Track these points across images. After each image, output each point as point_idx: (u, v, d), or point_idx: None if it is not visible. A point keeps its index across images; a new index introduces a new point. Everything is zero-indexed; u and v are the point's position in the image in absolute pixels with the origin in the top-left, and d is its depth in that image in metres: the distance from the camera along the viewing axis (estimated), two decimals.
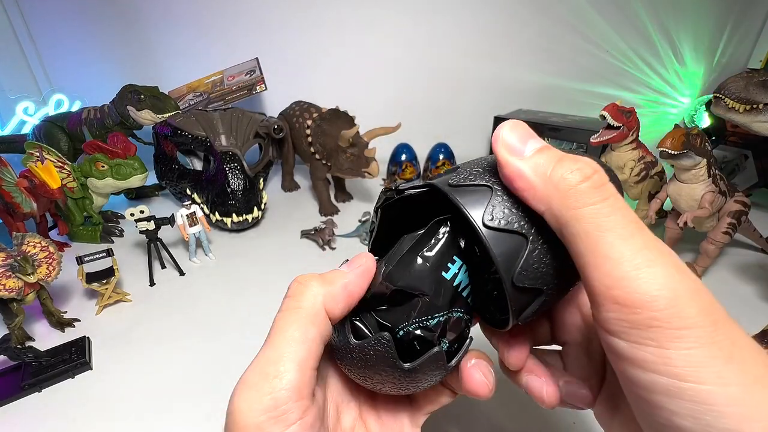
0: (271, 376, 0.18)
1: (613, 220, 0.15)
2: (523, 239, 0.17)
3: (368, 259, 0.22)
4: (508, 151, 0.18)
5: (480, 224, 0.17)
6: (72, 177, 0.71)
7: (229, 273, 0.66)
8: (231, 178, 0.75)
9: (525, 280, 0.18)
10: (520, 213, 0.18)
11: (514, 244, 0.17)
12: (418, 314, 0.22)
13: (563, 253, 0.17)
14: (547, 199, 0.16)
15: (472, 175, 0.19)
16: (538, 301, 0.19)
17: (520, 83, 1.12)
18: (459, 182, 0.19)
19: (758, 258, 0.66)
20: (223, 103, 0.97)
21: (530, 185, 0.17)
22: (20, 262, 0.47)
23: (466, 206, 0.18)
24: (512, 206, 0.18)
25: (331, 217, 0.82)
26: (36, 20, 1.04)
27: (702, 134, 0.55)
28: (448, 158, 0.91)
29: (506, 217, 0.17)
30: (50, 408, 0.43)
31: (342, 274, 0.22)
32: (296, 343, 0.19)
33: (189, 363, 0.48)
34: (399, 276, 0.22)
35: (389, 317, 0.22)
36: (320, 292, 0.21)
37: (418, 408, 0.27)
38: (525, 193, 0.17)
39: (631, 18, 1.04)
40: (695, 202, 0.57)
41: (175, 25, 1.06)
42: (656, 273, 0.14)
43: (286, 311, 0.20)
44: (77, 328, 0.54)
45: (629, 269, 0.14)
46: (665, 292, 0.14)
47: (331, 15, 1.06)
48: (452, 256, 0.22)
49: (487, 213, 0.18)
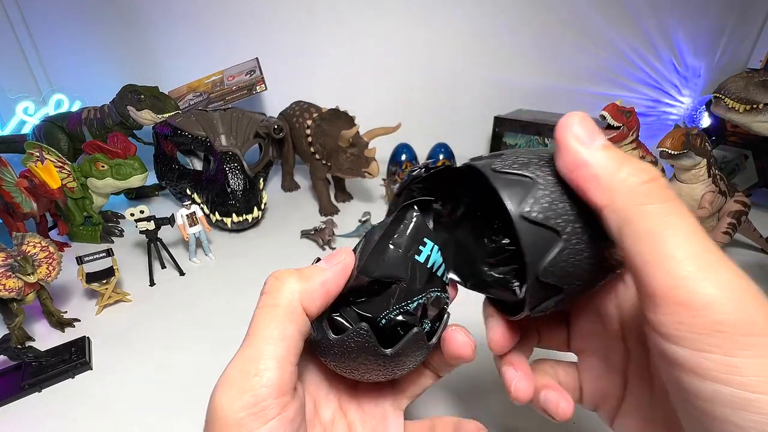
0: (252, 374, 0.18)
1: (678, 220, 0.15)
2: (556, 236, 0.17)
3: (347, 255, 0.22)
4: (576, 140, 0.17)
5: (516, 214, 0.17)
6: (72, 177, 0.71)
7: (229, 273, 0.66)
8: (231, 178, 0.75)
9: (550, 276, 0.18)
10: (559, 210, 0.17)
11: (547, 239, 0.17)
12: (397, 300, 0.22)
13: (592, 256, 0.18)
14: (611, 193, 0.16)
15: (516, 164, 0.19)
16: (555, 299, 0.19)
17: (520, 83, 1.12)
18: (502, 168, 0.19)
19: (758, 258, 0.66)
20: (223, 103, 0.97)
21: (595, 176, 0.16)
22: (20, 262, 0.47)
23: (505, 194, 0.18)
24: (552, 202, 0.18)
25: (331, 217, 0.82)
26: (36, 20, 1.04)
27: (702, 134, 0.55)
28: (448, 158, 0.91)
29: (544, 211, 0.17)
30: (50, 408, 0.43)
31: (320, 271, 0.21)
32: (275, 341, 0.19)
33: (189, 363, 0.48)
34: (374, 266, 0.22)
35: (368, 308, 0.22)
36: (297, 288, 0.21)
37: (401, 392, 0.27)
38: (587, 183, 0.17)
39: (631, 18, 1.04)
40: (695, 202, 0.57)
41: (175, 25, 1.06)
42: (722, 276, 0.14)
43: (263, 308, 0.20)
44: (77, 328, 0.54)
45: (694, 269, 0.14)
46: (732, 295, 0.13)
47: (331, 15, 1.06)
48: (422, 238, 0.23)
49: (526, 204, 0.17)
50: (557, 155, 0.18)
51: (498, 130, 0.93)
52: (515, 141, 0.91)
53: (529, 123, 0.87)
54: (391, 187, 0.86)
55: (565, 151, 0.17)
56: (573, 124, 0.17)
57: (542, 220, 0.17)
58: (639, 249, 0.15)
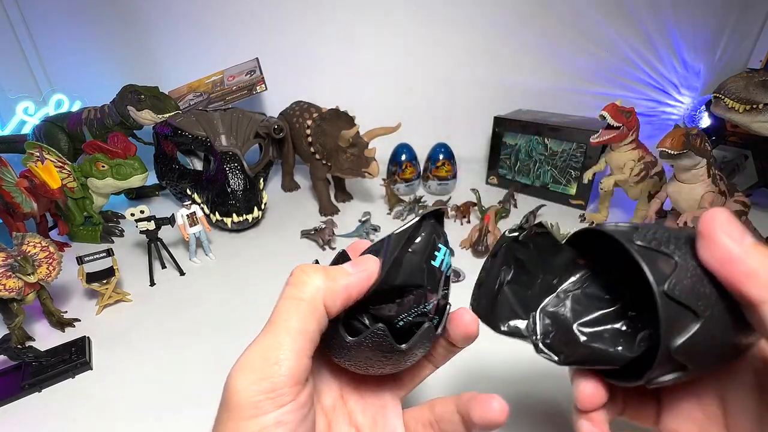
0: (271, 362, 0.19)
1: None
2: (695, 317, 0.18)
3: (374, 264, 0.23)
4: (727, 236, 0.18)
5: (659, 290, 0.18)
6: (72, 177, 0.72)
7: (229, 273, 0.66)
8: (231, 178, 0.75)
9: (681, 354, 0.18)
10: (699, 293, 0.18)
11: (686, 319, 0.18)
12: (416, 303, 0.23)
13: (724, 342, 0.19)
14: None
15: (656, 241, 0.20)
16: (676, 376, 0.19)
17: (520, 83, 1.12)
18: (645, 244, 0.19)
19: None
20: (224, 103, 0.97)
21: (753, 273, 0.17)
22: (20, 262, 0.47)
23: (649, 268, 0.19)
24: (694, 285, 0.18)
25: (331, 217, 0.82)
26: (36, 20, 1.04)
27: (702, 134, 0.55)
28: (448, 158, 0.91)
29: (686, 292, 0.18)
30: (50, 408, 0.43)
31: (345, 274, 0.22)
32: (296, 334, 0.20)
33: (189, 362, 0.48)
34: (395, 274, 0.23)
35: (384, 311, 0.24)
36: (322, 286, 0.21)
37: (401, 383, 0.28)
38: (742, 277, 0.17)
39: (630, 18, 1.04)
40: (695, 202, 0.57)
41: (176, 25, 1.06)
42: None
43: (288, 299, 0.21)
44: (77, 328, 0.54)
45: None
46: None
47: (331, 15, 1.06)
48: (438, 244, 0.24)
49: (670, 283, 0.18)
50: (704, 246, 0.18)
51: (498, 130, 0.93)
52: (515, 141, 0.91)
53: (529, 123, 0.87)
54: (391, 187, 0.86)
55: (714, 245, 0.18)
56: (721, 220, 0.18)
57: (684, 300, 0.18)
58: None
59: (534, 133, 0.87)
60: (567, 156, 0.84)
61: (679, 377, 0.19)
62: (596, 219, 0.79)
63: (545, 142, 0.86)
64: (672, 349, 0.18)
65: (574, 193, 0.85)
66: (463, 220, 0.80)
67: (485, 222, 0.68)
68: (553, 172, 0.87)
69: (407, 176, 0.90)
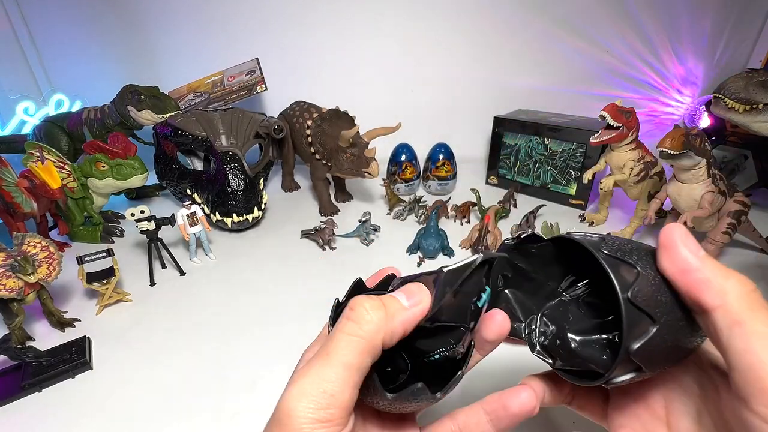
0: (329, 394, 0.20)
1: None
2: (652, 322, 0.20)
3: (426, 297, 0.23)
4: (686, 248, 0.20)
5: (624, 297, 0.20)
6: (72, 177, 0.72)
7: (229, 273, 0.66)
8: (231, 178, 0.75)
9: (638, 356, 0.20)
10: (658, 301, 0.20)
11: (644, 324, 0.20)
12: (453, 340, 0.24)
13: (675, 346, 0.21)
14: (723, 295, 0.19)
15: (621, 252, 0.21)
16: (632, 376, 0.21)
17: (519, 83, 1.12)
18: (611, 254, 0.21)
19: (758, 258, 0.66)
20: (224, 103, 0.97)
21: (707, 280, 0.19)
22: (20, 262, 0.47)
23: (615, 277, 0.20)
24: (653, 293, 0.20)
25: (331, 217, 0.82)
26: (36, 20, 1.04)
27: (702, 134, 0.55)
28: (448, 158, 0.91)
29: (647, 299, 0.20)
30: (50, 408, 0.43)
31: (402, 310, 0.22)
32: (352, 369, 0.21)
33: (189, 362, 0.48)
34: (440, 311, 0.23)
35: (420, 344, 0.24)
36: (382, 327, 0.22)
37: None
38: (698, 285, 0.19)
39: (630, 18, 1.04)
40: (695, 202, 0.57)
41: (176, 25, 1.06)
42: None
43: (348, 335, 0.21)
44: (77, 328, 0.54)
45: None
46: None
47: (331, 16, 1.06)
48: (484, 285, 0.24)
49: (633, 291, 0.20)
50: (665, 257, 0.21)
51: (498, 130, 0.93)
52: (515, 141, 0.91)
53: (528, 123, 0.88)
54: (391, 187, 0.86)
55: (674, 255, 0.20)
56: (680, 234, 0.20)
57: (645, 306, 0.20)
58: (751, 347, 0.17)
59: (534, 133, 0.87)
60: (567, 156, 0.84)
61: (633, 378, 0.21)
62: (596, 219, 0.79)
63: (545, 142, 0.86)
64: (631, 351, 0.20)
65: (574, 193, 0.85)
66: (463, 220, 0.80)
67: (485, 222, 0.68)
68: (553, 172, 0.87)
69: (407, 176, 0.90)
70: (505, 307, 0.27)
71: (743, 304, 0.18)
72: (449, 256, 0.68)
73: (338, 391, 0.20)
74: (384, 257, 0.69)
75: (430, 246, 0.66)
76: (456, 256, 0.68)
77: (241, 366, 0.47)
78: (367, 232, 0.72)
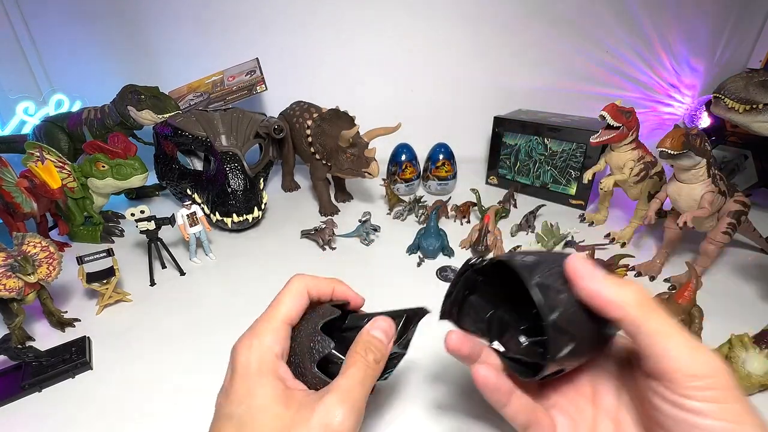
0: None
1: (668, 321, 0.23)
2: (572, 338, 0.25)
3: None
4: (588, 278, 0.25)
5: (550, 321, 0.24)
6: (72, 177, 0.72)
7: (229, 273, 0.66)
8: (231, 178, 0.75)
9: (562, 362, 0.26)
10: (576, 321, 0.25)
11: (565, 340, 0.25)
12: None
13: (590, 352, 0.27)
14: (624, 308, 0.24)
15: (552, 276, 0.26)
16: (557, 372, 0.27)
17: (519, 83, 1.12)
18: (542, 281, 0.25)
19: (758, 258, 0.66)
20: (224, 103, 0.97)
21: (610, 301, 0.24)
22: (20, 262, 0.47)
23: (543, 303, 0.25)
24: (572, 315, 0.25)
25: (331, 217, 0.82)
26: (36, 20, 1.04)
27: (702, 134, 0.55)
28: (448, 158, 0.91)
29: (567, 321, 0.25)
30: (50, 408, 0.43)
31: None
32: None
33: (190, 362, 0.48)
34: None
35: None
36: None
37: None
38: (605, 305, 0.24)
39: (630, 18, 1.04)
40: (695, 202, 0.57)
41: (176, 25, 1.06)
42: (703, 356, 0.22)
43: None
44: (77, 328, 0.54)
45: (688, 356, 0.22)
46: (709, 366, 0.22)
47: (331, 16, 1.06)
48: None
49: (557, 314, 0.25)
50: (574, 286, 0.25)
51: (498, 130, 0.93)
52: (515, 141, 0.91)
53: (528, 123, 0.88)
54: (391, 187, 0.86)
55: (581, 285, 0.25)
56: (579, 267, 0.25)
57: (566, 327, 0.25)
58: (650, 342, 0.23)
59: (534, 133, 0.87)
60: (567, 156, 0.84)
61: (558, 373, 0.27)
62: (596, 219, 0.79)
63: (545, 142, 0.86)
64: (556, 359, 0.25)
65: (574, 193, 0.85)
66: (462, 220, 0.80)
67: (485, 222, 0.68)
68: (553, 172, 0.87)
69: (407, 176, 0.90)
70: (472, 311, 0.33)
71: (639, 311, 0.23)
72: (449, 256, 0.68)
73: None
74: (384, 257, 0.69)
75: (430, 246, 0.66)
76: (456, 256, 0.68)
77: None
78: (367, 232, 0.72)
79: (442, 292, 0.32)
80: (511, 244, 0.65)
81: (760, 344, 0.44)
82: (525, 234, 0.75)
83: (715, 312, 0.51)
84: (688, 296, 0.50)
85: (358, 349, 0.29)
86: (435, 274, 0.63)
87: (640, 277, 0.62)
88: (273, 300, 0.31)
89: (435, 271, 0.63)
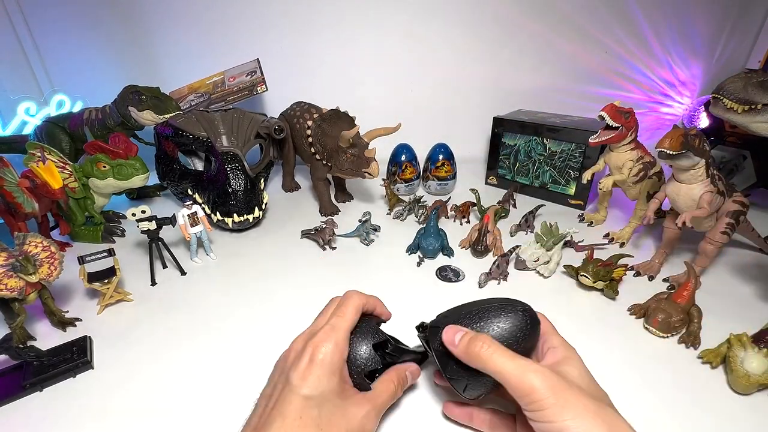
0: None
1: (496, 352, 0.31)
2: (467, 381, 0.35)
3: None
4: (451, 344, 0.34)
5: (447, 376, 0.36)
6: (73, 177, 0.72)
7: (230, 272, 0.66)
8: (232, 179, 0.75)
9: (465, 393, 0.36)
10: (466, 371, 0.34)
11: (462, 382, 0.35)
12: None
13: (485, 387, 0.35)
14: (467, 358, 0.33)
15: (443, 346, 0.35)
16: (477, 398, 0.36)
17: (519, 84, 1.13)
18: (441, 347, 0.35)
19: (757, 258, 0.67)
20: (224, 103, 0.97)
21: (485, 362, 0.31)
22: (22, 261, 0.47)
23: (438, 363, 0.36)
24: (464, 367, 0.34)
25: (332, 217, 0.82)
26: (37, 21, 1.04)
27: (700, 135, 0.55)
28: (448, 158, 0.91)
29: (460, 372, 0.35)
30: (51, 407, 0.43)
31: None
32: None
33: (191, 362, 0.48)
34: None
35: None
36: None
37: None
38: (481, 365, 0.32)
39: (629, 18, 1.04)
40: (694, 202, 0.57)
41: (177, 25, 1.07)
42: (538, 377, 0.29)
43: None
44: (79, 327, 0.54)
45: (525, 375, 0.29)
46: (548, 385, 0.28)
47: (331, 16, 1.06)
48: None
49: (452, 368, 0.35)
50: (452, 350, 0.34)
51: (497, 130, 0.93)
52: (514, 141, 0.91)
53: (528, 123, 0.88)
54: (391, 187, 0.86)
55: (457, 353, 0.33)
56: (451, 340, 0.34)
57: (460, 376, 0.35)
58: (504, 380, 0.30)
59: (533, 134, 0.88)
60: (566, 156, 0.84)
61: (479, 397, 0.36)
62: (595, 219, 0.79)
63: (544, 143, 0.87)
64: (460, 393, 0.36)
65: (573, 193, 0.86)
66: (462, 220, 0.80)
67: (485, 222, 0.68)
68: (552, 173, 0.88)
69: (407, 176, 0.91)
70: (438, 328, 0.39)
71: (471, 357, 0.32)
72: (449, 256, 0.68)
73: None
74: (384, 257, 0.69)
75: (430, 246, 0.66)
76: (456, 256, 0.68)
77: (242, 365, 0.47)
78: (367, 232, 0.72)
79: (441, 291, 0.33)
80: (511, 244, 0.66)
81: (759, 344, 0.44)
82: (524, 234, 0.76)
83: (714, 312, 0.51)
84: (686, 296, 0.51)
85: (393, 377, 0.38)
86: (435, 273, 0.63)
87: (638, 276, 0.62)
88: (336, 309, 0.38)
89: (435, 270, 0.64)
